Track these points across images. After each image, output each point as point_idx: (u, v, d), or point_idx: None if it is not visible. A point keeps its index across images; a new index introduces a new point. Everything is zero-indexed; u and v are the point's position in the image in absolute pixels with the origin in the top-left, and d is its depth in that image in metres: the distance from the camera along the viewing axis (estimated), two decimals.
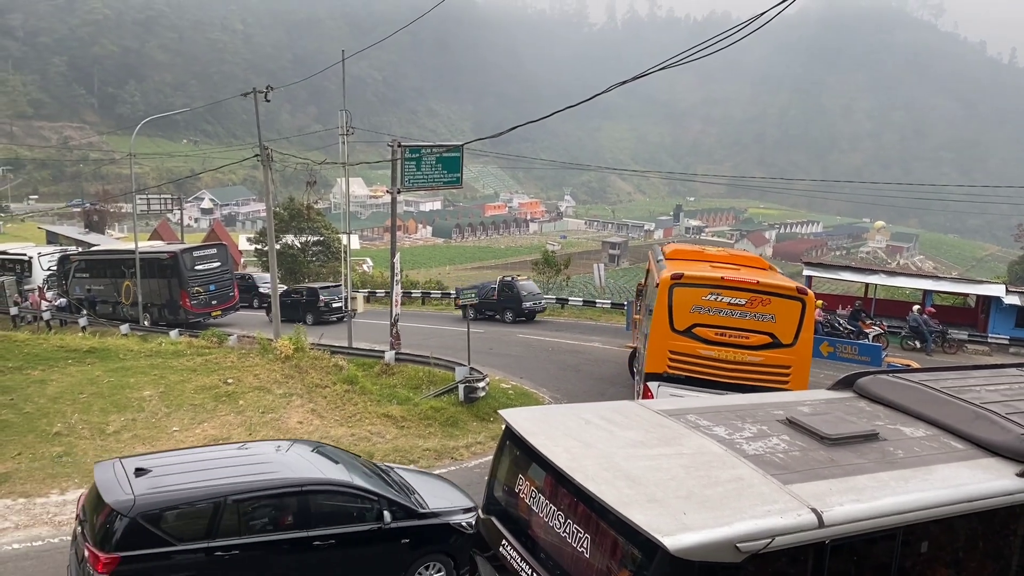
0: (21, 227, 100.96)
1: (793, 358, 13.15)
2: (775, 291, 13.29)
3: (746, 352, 13.20)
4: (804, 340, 13.17)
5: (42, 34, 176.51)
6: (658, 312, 13.50)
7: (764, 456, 6.07)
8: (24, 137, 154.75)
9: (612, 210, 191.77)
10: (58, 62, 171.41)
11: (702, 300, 13.36)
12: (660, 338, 13.53)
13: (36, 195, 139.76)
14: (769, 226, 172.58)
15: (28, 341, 22.04)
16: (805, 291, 13.45)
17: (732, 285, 13.32)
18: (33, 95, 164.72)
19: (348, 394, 18.34)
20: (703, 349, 13.29)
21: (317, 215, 53.42)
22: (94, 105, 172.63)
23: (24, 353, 20.41)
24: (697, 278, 13.59)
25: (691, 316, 13.36)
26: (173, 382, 18.58)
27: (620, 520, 5.15)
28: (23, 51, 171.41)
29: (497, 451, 7.39)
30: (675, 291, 13.39)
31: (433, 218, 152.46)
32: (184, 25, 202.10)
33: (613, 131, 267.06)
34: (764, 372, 13.08)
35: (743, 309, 13.19)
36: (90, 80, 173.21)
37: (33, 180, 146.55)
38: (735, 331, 13.23)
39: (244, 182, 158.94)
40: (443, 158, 24.58)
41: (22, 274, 39.80)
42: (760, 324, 13.19)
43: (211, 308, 32.61)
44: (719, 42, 10.58)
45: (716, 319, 13.28)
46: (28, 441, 14.98)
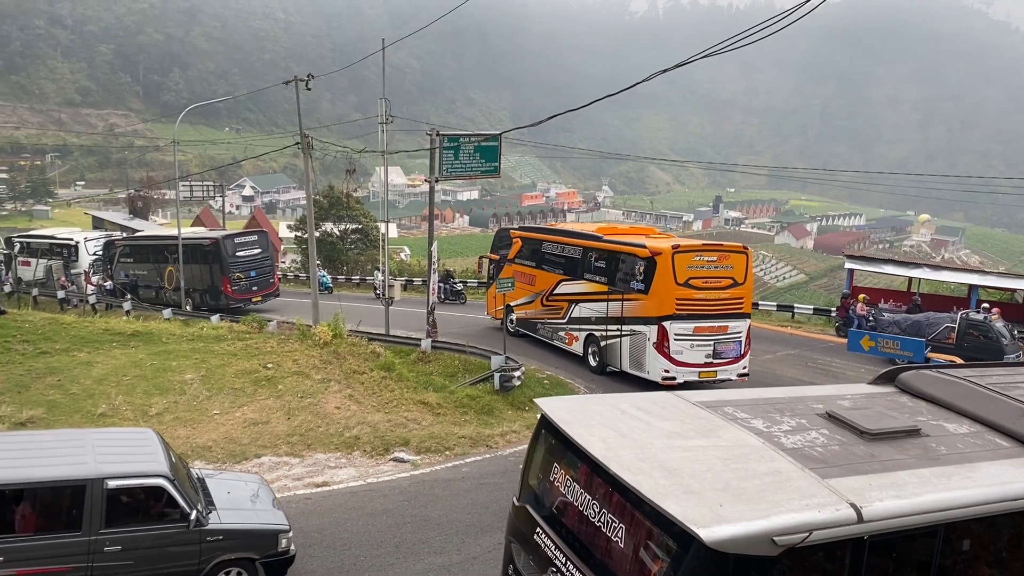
0: (68, 212, 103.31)
1: (745, 292, 19.64)
2: (731, 250, 19.66)
3: (720, 292, 19.13)
4: (749, 279, 19.81)
5: (89, 23, 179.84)
6: (663, 272, 18.70)
7: (803, 449, 6.00)
8: (72, 124, 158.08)
9: (651, 200, 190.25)
10: (105, 50, 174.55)
11: (693, 260, 18.96)
12: (668, 290, 18.75)
13: (83, 181, 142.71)
14: (810, 218, 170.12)
15: (75, 324, 22.50)
16: (747, 248, 20.14)
17: (708, 249, 19.53)
18: (81, 83, 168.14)
19: (385, 381, 18.49)
20: (696, 293, 18.86)
21: (356, 203, 53.77)
22: (139, 93, 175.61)
23: (71, 335, 20.85)
24: (688, 247, 19.43)
25: (687, 272, 18.81)
26: (214, 366, 18.88)
27: (656, 511, 5.14)
28: (71, 40, 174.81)
29: (532, 440, 7.41)
30: (676, 257, 18.76)
31: (470, 207, 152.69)
32: (227, 14, 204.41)
33: (652, 121, 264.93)
34: (731, 303, 19.30)
35: (715, 264, 19.18)
36: (135, 68, 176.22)
37: (80, 166, 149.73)
38: (713, 279, 19.09)
39: (284, 170, 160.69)
40: (481, 147, 24.57)
41: (69, 258, 40.67)
42: (726, 272, 19.25)
43: (251, 294, 33.05)
44: (762, 31, 10.43)
45: (701, 272, 18.97)
46: (74, 421, 15.34)
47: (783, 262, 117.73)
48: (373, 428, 15.76)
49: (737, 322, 19.36)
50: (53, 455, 8.95)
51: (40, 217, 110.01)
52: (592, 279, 21.72)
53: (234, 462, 13.91)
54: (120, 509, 8.61)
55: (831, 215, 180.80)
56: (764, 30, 10.45)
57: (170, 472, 8.93)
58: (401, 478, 13.52)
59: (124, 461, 8.95)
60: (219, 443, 14.75)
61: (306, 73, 24.90)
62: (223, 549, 9.06)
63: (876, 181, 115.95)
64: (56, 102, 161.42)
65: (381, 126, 24.94)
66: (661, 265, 18.71)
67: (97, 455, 8.88)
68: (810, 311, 33.79)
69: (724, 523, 4.84)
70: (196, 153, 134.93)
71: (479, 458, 14.66)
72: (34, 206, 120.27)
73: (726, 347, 19.24)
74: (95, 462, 8.71)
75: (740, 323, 19.42)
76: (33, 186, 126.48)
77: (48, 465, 8.65)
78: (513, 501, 7.60)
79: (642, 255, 19.47)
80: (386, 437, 15.30)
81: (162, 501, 8.79)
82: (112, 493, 8.49)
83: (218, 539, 9.01)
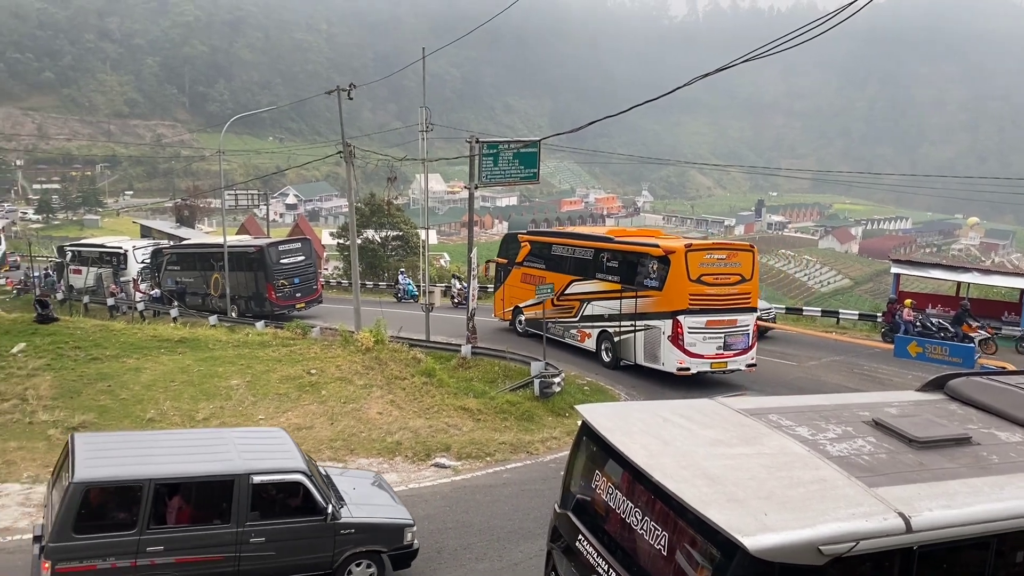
0: (117, 221, 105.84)
1: (751, 287, 20.67)
2: (739, 248, 20.97)
3: (729, 287, 20.19)
4: (756, 275, 20.91)
5: (137, 36, 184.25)
6: (676, 270, 19.75)
7: (849, 458, 5.93)
8: (120, 135, 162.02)
9: (691, 205, 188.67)
10: (152, 63, 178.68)
11: (704, 259, 20.03)
12: (681, 286, 19.79)
13: (131, 191, 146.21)
14: (855, 222, 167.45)
15: (124, 330, 22.95)
16: (753, 247, 21.58)
17: (718, 248, 20.80)
18: (129, 95, 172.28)
19: (426, 386, 18.60)
20: (708, 289, 19.92)
21: (396, 211, 54.23)
22: (185, 104, 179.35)
23: (120, 342, 21.29)
24: (700, 246, 20.76)
25: (699, 269, 19.86)
26: (259, 372, 19.16)
27: (699, 519, 5.12)
28: (119, 52, 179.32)
29: (574, 447, 7.42)
30: (689, 255, 19.87)
31: (509, 213, 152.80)
32: (270, 25, 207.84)
33: (693, 125, 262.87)
34: (740, 298, 20.29)
35: (725, 261, 20.29)
36: (181, 79, 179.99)
37: (128, 176, 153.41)
38: (723, 275, 20.15)
39: (327, 178, 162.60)
40: (520, 153, 24.65)
41: (118, 266, 41.61)
42: (734, 269, 20.34)
43: (295, 300, 33.45)
44: (805, 34, 10.33)
45: (712, 270, 20.04)
46: (124, 426, 15.67)
47: (827, 266, 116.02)
48: (414, 433, 15.86)
49: (745, 315, 20.49)
50: (202, 452, 9.55)
51: (90, 226, 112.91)
52: (604, 278, 22.62)
53: None
54: (263, 503, 9.12)
55: (876, 219, 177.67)
56: (806, 33, 10.35)
57: (307, 469, 9.45)
58: (442, 484, 13.58)
59: (265, 458, 9.49)
60: None
61: (348, 83, 25.24)
62: (354, 542, 9.49)
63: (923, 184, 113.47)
64: (105, 114, 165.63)
65: (421, 134, 25.12)
66: (675, 263, 19.88)
67: (241, 452, 9.44)
68: (855, 316, 33.22)
69: (769, 531, 4.80)
70: (241, 163, 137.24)
71: (520, 464, 14.67)
72: (84, 215, 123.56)
73: (736, 339, 20.32)
74: (240, 458, 9.24)
75: (748, 316, 20.56)
76: (84, 196, 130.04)
77: (200, 461, 9.22)
78: (555, 508, 7.61)
79: (656, 254, 20.61)
80: (427, 443, 15.38)
81: (300, 496, 9.27)
82: (257, 488, 8.99)
83: (350, 532, 9.44)
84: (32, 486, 12.95)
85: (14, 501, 12.33)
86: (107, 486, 8.66)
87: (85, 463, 8.58)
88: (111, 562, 8.38)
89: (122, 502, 8.67)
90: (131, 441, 10.44)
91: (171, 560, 8.63)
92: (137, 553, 8.48)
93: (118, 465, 8.82)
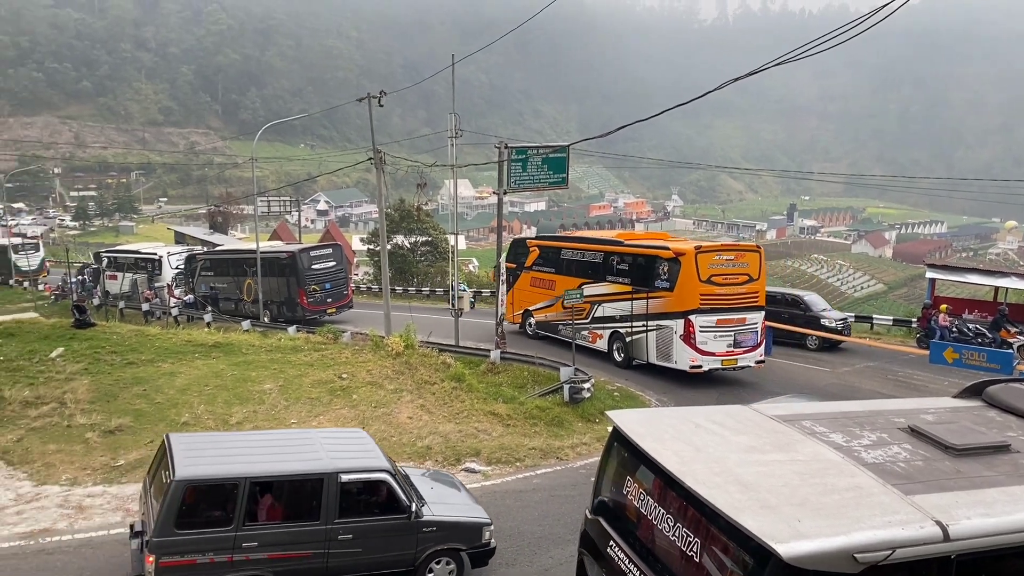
0: (152, 227, 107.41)
1: (759, 286, 21.17)
2: (747, 249, 21.74)
3: (738, 287, 20.76)
4: (763, 275, 21.36)
5: (171, 45, 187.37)
6: (687, 271, 20.32)
7: (884, 465, 5.86)
8: (155, 143, 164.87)
9: (722, 210, 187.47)
10: (186, 71, 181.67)
11: (714, 259, 20.61)
12: (692, 287, 20.33)
13: (165, 197, 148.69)
14: (889, 226, 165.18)
15: (159, 335, 23.29)
16: (760, 247, 22.06)
17: (726, 249, 21.49)
18: (163, 103, 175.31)
19: (455, 391, 18.65)
20: (717, 289, 20.48)
21: (426, 216, 54.51)
22: (218, 112, 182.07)
23: (156, 347, 21.61)
24: (709, 247, 21.15)
25: (709, 270, 20.42)
26: (291, 376, 19.35)
27: (731, 525, 5.09)
28: (154, 61, 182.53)
29: (605, 452, 7.40)
30: (699, 257, 20.35)
31: (538, 219, 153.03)
32: (302, 33, 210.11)
33: (723, 128, 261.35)
34: (748, 297, 20.87)
35: (733, 262, 20.85)
36: (215, 88, 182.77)
37: (163, 183, 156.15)
38: (731, 275, 20.72)
39: (357, 184, 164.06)
40: (549, 159, 24.67)
41: (153, 272, 42.20)
42: (742, 269, 20.89)
43: (327, 305, 33.71)
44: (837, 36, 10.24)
45: (722, 270, 20.60)
46: (159, 430, 15.86)
47: (860, 271, 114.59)
48: (444, 438, 15.91)
49: (754, 314, 21.08)
50: (291, 451, 9.90)
51: (125, 232, 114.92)
52: (615, 280, 23.16)
53: None
54: (350, 501, 9.37)
55: (911, 223, 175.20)
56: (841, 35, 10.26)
57: (391, 468, 9.72)
58: (472, 488, 13.58)
59: (351, 457, 9.77)
60: None
61: (377, 89, 25.41)
62: (435, 540, 9.71)
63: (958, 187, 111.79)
64: (141, 122, 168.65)
65: (451, 140, 25.25)
66: (685, 265, 20.49)
67: (328, 452, 9.73)
68: (889, 322, 32.75)
69: (802, 539, 4.76)
70: (273, 169, 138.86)
71: (549, 470, 14.65)
72: (120, 222, 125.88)
73: (745, 337, 20.93)
74: (328, 458, 9.53)
75: (756, 315, 21.15)
76: (119, 203, 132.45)
77: (290, 460, 9.56)
78: (586, 513, 7.60)
79: (666, 256, 21.23)
80: (457, 447, 15.42)
81: (384, 494, 9.53)
82: (345, 486, 9.26)
83: (432, 530, 9.67)
84: (71, 488, 13.19)
85: (53, 503, 12.56)
86: (206, 484, 8.97)
87: (184, 462, 8.92)
88: (209, 557, 8.70)
89: (219, 500, 9.00)
90: (223, 441, 10.89)
91: (264, 556, 8.93)
92: (233, 549, 8.79)
93: (215, 464, 9.16)
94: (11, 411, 16.55)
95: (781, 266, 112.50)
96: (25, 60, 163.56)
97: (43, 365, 19.48)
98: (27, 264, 62.64)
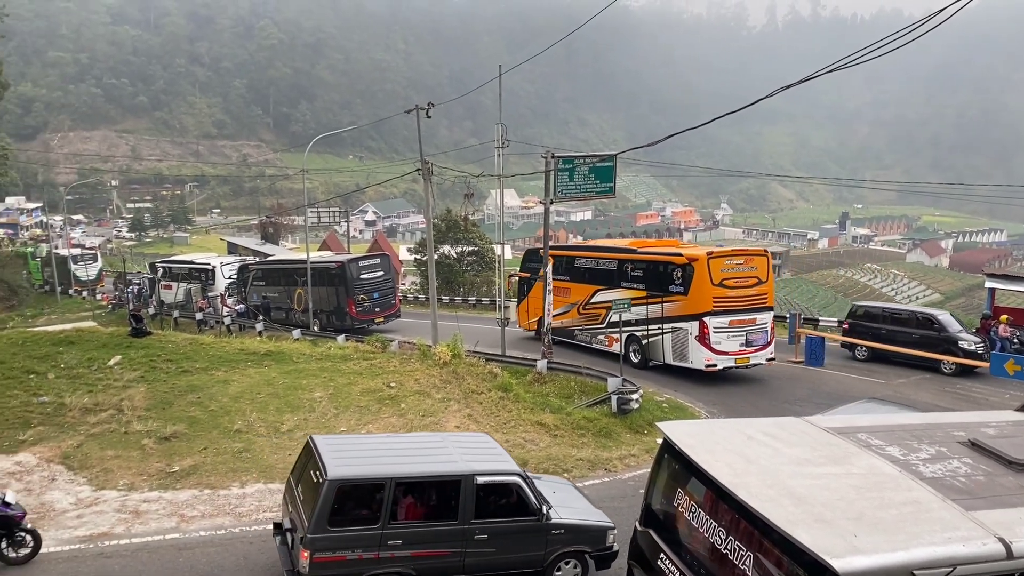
0: (205, 238, 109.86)
1: (767, 288, 22.52)
2: (755, 253, 23.08)
3: (748, 289, 21.99)
4: (771, 277, 22.84)
5: (225, 60, 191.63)
6: (700, 275, 21.53)
7: (943, 479, 5.71)
8: (208, 155, 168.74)
9: (772, 218, 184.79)
10: (238, 85, 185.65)
11: (725, 264, 21.85)
12: (706, 290, 21.49)
13: (218, 209, 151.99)
14: (945, 235, 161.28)
15: (213, 344, 23.77)
16: (767, 251, 23.68)
17: (736, 254, 22.82)
18: (217, 116, 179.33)
19: (502, 401, 18.67)
20: (729, 292, 21.67)
21: (472, 226, 54.78)
22: (269, 124, 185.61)
23: (209, 355, 22.05)
24: (720, 252, 22.73)
25: (721, 274, 21.63)
26: (341, 384, 19.57)
27: (785, 539, 5.01)
28: (208, 76, 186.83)
29: (655, 464, 7.35)
30: (711, 262, 21.62)
31: (584, 228, 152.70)
32: (350, 47, 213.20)
33: (773, 136, 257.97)
34: (758, 298, 22.12)
35: (743, 266, 22.13)
36: (266, 101, 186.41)
37: (216, 195, 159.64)
38: (742, 278, 21.96)
39: (404, 195, 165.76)
40: (596, 168, 24.58)
41: (206, 282, 43.09)
42: (751, 273, 22.19)
43: (374, 315, 34.05)
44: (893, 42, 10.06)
45: (732, 274, 21.82)
46: (213, 437, 16.20)
47: (915, 281, 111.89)
48: None
49: (763, 314, 22.34)
50: (428, 454, 10.31)
51: (180, 243, 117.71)
52: (630, 286, 24.35)
53: None
54: (485, 502, 9.65)
55: (968, 231, 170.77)
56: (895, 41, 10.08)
57: (523, 472, 9.98)
58: None
59: (485, 460, 10.07)
60: None
61: (425, 101, 25.64)
62: (563, 542, 9.97)
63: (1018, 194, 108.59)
64: (194, 135, 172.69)
65: (497, 151, 25.35)
66: (698, 270, 21.71)
67: (462, 455, 10.10)
68: None
69: (859, 554, 4.67)
70: (322, 181, 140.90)
71: (598, 481, 14.55)
72: (174, 233, 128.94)
73: (756, 336, 22.17)
74: (464, 460, 9.88)
75: (766, 315, 22.40)
76: (174, 214, 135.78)
77: (429, 462, 9.94)
78: (636, 525, 7.55)
79: (680, 262, 22.50)
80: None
81: (516, 497, 9.77)
82: (480, 488, 9.53)
83: (560, 533, 9.91)
84: (128, 493, 13.50)
85: (111, 507, 12.87)
86: (355, 484, 9.33)
87: (334, 463, 9.28)
88: (358, 553, 9.07)
89: (367, 499, 9.35)
90: (362, 443, 11.33)
91: (407, 554, 9.26)
92: (380, 546, 9.14)
93: (361, 465, 9.55)
94: (72, 417, 17.04)
95: (833, 276, 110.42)
96: (85, 76, 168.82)
97: (101, 373, 20.04)
98: (85, 274, 64.61)
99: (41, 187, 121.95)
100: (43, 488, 13.74)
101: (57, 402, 17.79)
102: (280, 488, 13.85)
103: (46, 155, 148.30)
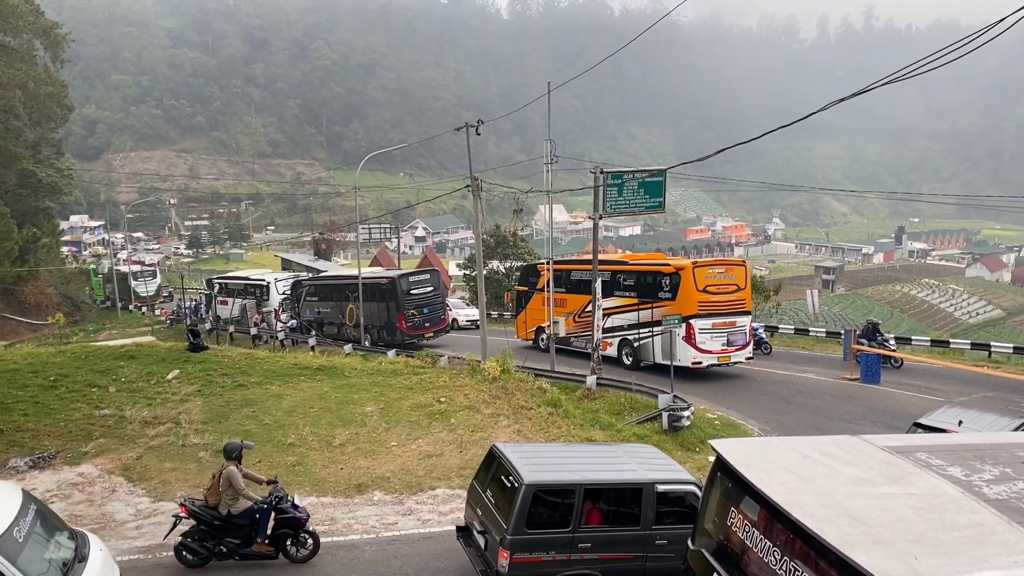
0: (260, 255, 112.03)
1: (746, 294, 25.42)
2: (734, 263, 27.32)
3: (729, 295, 24.78)
4: (748, 285, 25.79)
5: (279, 80, 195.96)
6: (686, 283, 24.16)
7: (1009, 501, 5.54)
8: (263, 174, 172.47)
9: (826, 232, 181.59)
10: (292, 105, 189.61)
11: (708, 272, 24.70)
12: (691, 295, 24.09)
13: (273, 226, 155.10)
14: (1006, 249, 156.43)
15: (267, 359, 24.16)
16: (745, 262, 26.86)
17: (718, 263, 26.97)
18: (271, 135, 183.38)
19: (552, 417, 18.61)
20: (712, 297, 24.37)
21: (521, 242, 54.89)
22: (322, 143, 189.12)
23: (264, 369, 22.44)
24: (704, 263, 26.59)
25: (705, 281, 24.28)
26: (391, 399, 19.73)
27: (842, 560, 4.92)
28: (263, 96, 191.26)
29: (707, 483, 7.27)
30: (695, 271, 24.43)
31: (633, 243, 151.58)
32: (401, 66, 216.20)
33: (825, 149, 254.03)
34: (737, 303, 24.96)
35: (724, 274, 25.10)
36: (319, 120, 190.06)
37: (270, 212, 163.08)
38: (723, 285, 24.69)
39: (453, 211, 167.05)
40: (645, 183, 24.50)
41: (261, 298, 43.89)
42: (732, 280, 25.04)
43: (424, 330, 34.26)
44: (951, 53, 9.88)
45: (715, 281, 24.56)
46: (267, 450, 16.45)
47: (975, 296, 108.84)
48: None
49: (742, 318, 25.14)
50: (606, 462, 10.78)
51: (235, 259, 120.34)
52: (623, 295, 26.96)
53: (410, 493, 14.42)
54: (663, 509, 9.98)
55: None
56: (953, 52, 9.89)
57: (697, 481, 10.20)
58: None
59: (660, 470, 10.48)
60: (396, 474, 15.36)
61: (474, 118, 25.92)
62: None
63: None
64: (250, 154, 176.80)
65: (546, 167, 25.41)
66: (684, 277, 24.37)
67: (639, 464, 10.54)
68: (1010, 349, 30.97)
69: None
70: (374, 198, 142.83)
71: None
72: (230, 249, 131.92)
73: (736, 337, 24.94)
74: (643, 470, 10.30)
75: (744, 319, 25.23)
76: (230, 231, 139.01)
77: (612, 470, 10.39)
78: (688, 544, 7.46)
79: (668, 272, 25.20)
80: None
81: (690, 505, 9.99)
82: (660, 495, 9.92)
83: None
84: None
85: (169, 519, 13.11)
86: (550, 489, 9.73)
87: (526, 469, 9.68)
88: (552, 555, 9.47)
89: (559, 504, 9.72)
90: (545, 451, 11.80)
91: (595, 556, 9.63)
92: (571, 549, 9.54)
93: (551, 472, 9.97)
94: (131, 430, 17.49)
95: (889, 291, 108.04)
96: (145, 98, 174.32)
97: (160, 386, 20.55)
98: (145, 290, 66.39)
99: (103, 206, 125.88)
100: (104, 499, 14.10)
101: (118, 415, 18.31)
102: (331, 501, 14.04)
103: (108, 175, 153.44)
